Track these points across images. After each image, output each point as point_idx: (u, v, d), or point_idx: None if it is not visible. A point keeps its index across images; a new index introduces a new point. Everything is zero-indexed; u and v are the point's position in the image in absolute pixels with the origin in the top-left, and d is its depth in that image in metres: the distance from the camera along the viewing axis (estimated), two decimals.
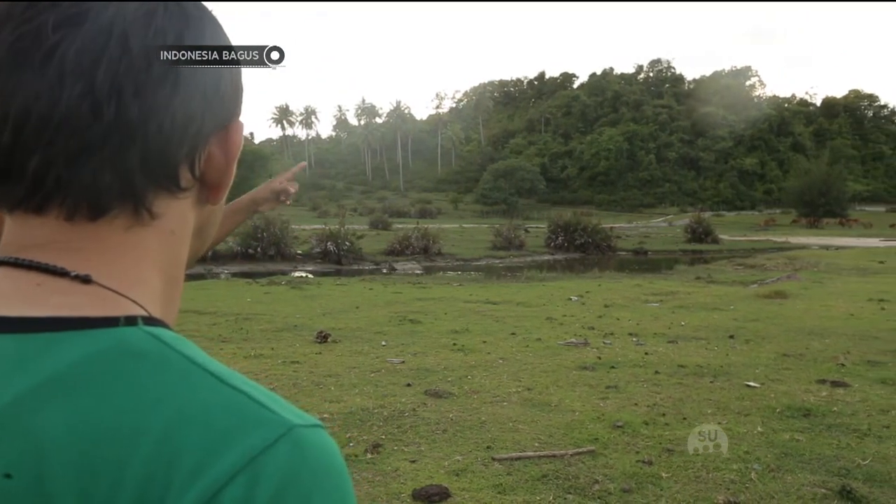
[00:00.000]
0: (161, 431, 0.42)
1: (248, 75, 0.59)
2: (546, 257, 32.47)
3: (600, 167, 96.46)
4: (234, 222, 1.63)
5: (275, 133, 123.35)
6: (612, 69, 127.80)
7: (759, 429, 4.71)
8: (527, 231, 39.32)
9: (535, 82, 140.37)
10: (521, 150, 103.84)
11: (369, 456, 4.16)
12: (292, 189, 1.65)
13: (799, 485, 3.74)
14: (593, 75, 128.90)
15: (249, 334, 8.72)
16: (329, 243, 26.56)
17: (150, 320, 0.48)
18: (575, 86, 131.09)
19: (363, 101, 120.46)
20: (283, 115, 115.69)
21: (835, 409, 5.19)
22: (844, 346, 7.76)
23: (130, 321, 0.47)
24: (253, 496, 0.41)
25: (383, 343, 8.13)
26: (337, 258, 26.40)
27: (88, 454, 0.41)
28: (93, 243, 0.49)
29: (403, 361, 6.96)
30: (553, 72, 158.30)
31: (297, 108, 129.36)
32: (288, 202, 1.65)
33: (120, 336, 0.45)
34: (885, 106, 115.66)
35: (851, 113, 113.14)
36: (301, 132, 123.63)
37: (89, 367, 0.44)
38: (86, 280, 0.48)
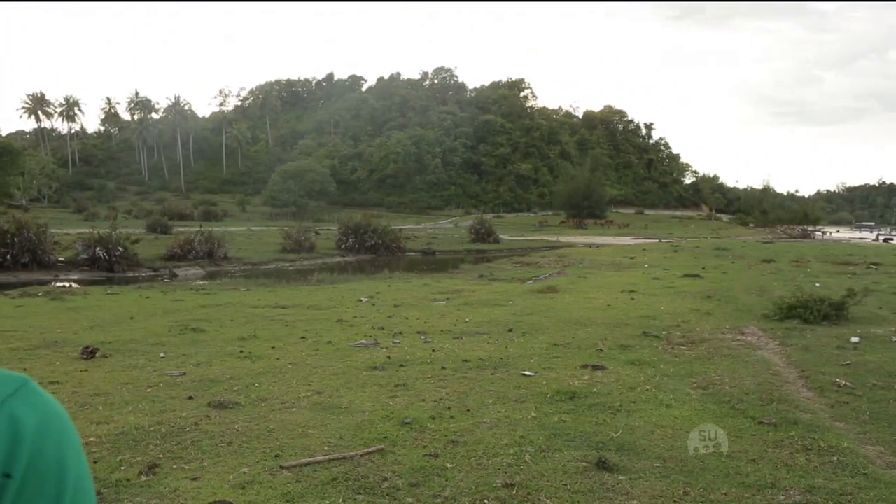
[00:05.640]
0: None
1: None
2: (337, 259, 32.40)
3: (389, 170, 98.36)
4: None
5: (28, 125, 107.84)
6: (399, 74, 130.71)
7: (533, 414, 5.14)
8: (317, 233, 38.84)
9: (324, 83, 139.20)
10: (311, 151, 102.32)
11: (144, 478, 3.85)
12: None
13: (565, 461, 4.15)
14: (381, 79, 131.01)
15: None
16: (98, 249, 24.13)
17: None
18: (363, 89, 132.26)
19: (136, 94, 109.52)
20: (38, 104, 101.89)
21: (594, 390, 5.83)
22: (603, 334, 8.74)
23: None
24: (15, 432, 0.42)
25: (162, 355, 7.57)
26: (108, 265, 24.08)
27: None
28: None
29: (184, 373, 6.54)
30: (341, 74, 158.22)
31: (55, 97, 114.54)
32: None
33: None
34: (632, 121, 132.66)
35: (606, 126, 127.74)
36: (62, 125, 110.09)
37: None
38: None
